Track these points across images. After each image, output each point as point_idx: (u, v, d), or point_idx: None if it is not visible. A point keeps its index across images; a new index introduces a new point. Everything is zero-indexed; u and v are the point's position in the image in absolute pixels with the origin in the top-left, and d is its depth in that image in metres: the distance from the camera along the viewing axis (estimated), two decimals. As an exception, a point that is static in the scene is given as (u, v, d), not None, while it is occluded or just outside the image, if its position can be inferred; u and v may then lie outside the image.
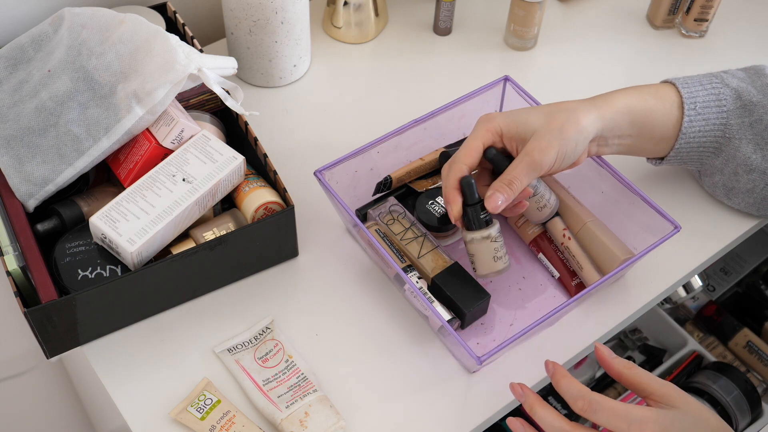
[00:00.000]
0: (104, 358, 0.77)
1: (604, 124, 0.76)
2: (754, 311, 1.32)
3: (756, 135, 0.81)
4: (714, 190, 0.88)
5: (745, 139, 0.81)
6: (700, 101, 0.80)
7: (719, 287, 1.35)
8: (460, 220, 0.75)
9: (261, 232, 0.79)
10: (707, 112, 0.79)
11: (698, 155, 0.83)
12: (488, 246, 0.75)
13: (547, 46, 1.08)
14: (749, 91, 0.81)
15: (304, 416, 0.72)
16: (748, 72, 0.83)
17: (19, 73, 0.82)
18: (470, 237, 0.76)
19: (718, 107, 0.80)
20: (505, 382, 0.77)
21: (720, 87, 0.81)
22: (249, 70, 0.99)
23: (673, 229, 0.78)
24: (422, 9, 1.12)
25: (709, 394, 1.14)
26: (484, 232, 0.75)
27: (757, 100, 0.80)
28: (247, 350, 0.77)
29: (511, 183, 0.73)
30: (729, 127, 0.81)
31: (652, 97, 0.79)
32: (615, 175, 0.81)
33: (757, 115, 0.80)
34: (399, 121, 0.92)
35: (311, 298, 0.82)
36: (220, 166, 0.79)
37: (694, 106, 0.79)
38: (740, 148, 0.81)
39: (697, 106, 0.79)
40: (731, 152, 0.82)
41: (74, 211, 0.80)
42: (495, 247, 0.76)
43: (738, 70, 0.84)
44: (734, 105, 0.80)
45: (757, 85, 0.81)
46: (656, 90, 0.80)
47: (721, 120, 0.80)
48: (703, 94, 0.80)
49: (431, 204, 0.84)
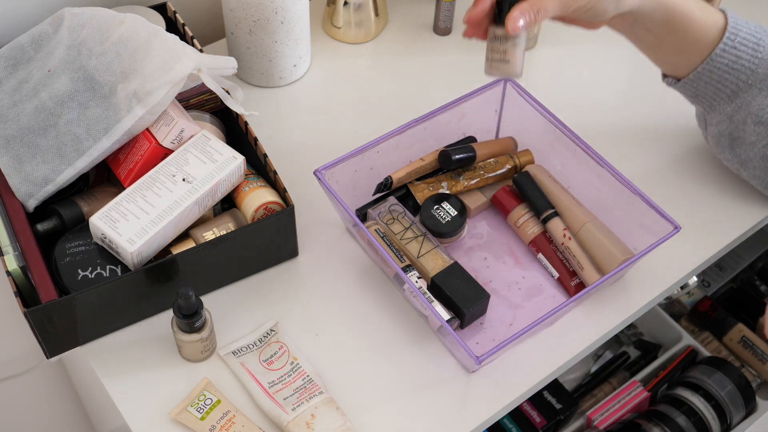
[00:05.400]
0: (104, 358, 0.77)
1: (642, 5, 0.76)
2: (748, 307, 1.32)
3: None
4: (718, 140, 0.87)
5: (765, 91, 0.81)
6: (741, 36, 0.79)
7: (714, 283, 1.36)
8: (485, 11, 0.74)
9: (261, 232, 0.79)
10: (743, 48, 0.79)
11: (714, 91, 0.83)
12: None
13: (547, 46, 1.08)
14: None
15: (311, 418, 0.72)
16: None
17: (19, 73, 0.82)
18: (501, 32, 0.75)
19: (754, 49, 0.79)
20: (505, 382, 0.77)
21: (762, 34, 0.80)
22: (249, 70, 0.99)
23: (672, 229, 0.78)
24: (422, 9, 1.12)
25: (704, 388, 1.15)
26: None
27: None
28: (252, 353, 0.77)
29: (538, 11, 0.73)
30: (755, 74, 0.80)
31: (699, 9, 0.79)
32: (615, 175, 0.82)
33: None
34: (399, 121, 0.92)
35: (311, 299, 0.82)
36: (220, 166, 0.79)
37: (734, 37, 0.79)
38: (757, 97, 0.81)
39: (737, 38, 0.79)
40: (747, 99, 0.82)
41: (74, 211, 0.80)
42: None
43: None
44: None
45: None
46: (706, 6, 0.80)
47: (751, 63, 0.80)
48: (746, 31, 0.80)
49: (436, 209, 0.84)
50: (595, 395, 1.24)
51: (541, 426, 1.15)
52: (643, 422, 1.14)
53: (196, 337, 0.74)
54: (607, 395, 1.23)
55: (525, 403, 1.17)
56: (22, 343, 1.11)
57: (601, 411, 1.18)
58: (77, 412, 1.31)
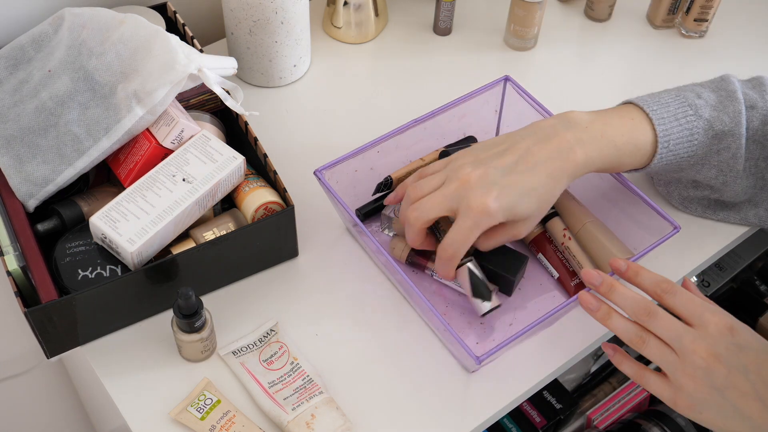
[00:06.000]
0: (104, 358, 0.77)
1: (573, 180, 0.76)
2: (748, 307, 1.32)
3: (721, 162, 0.80)
4: (669, 198, 0.89)
5: (708, 165, 0.81)
6: (674, 140, 0.78)
7: (714, 283, 1.36)
8: None
9: (261, 232, 0.79)
10: (678, 149, 0.79)
11: (659, 174, 0.85)
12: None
13: (547, 46, 1.08)
14: (721, 120, 0.79)
15: (311, 418, 0.72)
16: (719, 94, 0.81)
17: (20, 73, 0.82)
18: None
19: (689, 142, 0.79)
20: (505, 382, 0.77)
21: (694, 120, 0.79)
22: (249, 70, 0.99)
23: (672, 230, 0.78)
24: (422, 9, 1.12)
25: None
26: None
27: (729, 129, 0.79)
28: (252, 353, 0.77)
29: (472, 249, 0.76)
30: (695, 156, 0.80)
31: (628, 156, 0.77)
32: (615, 175, 0.82)
33: (725, 143, 0.79)
34: (399, 121, 0.92)
35: (311, 299, 0.82)
36: (220, 166, 0.79)
37: (667, 145, 0.78)
38: (702, 171, 0.82)
39: (670, 144, 0.78)
40: (692, 174, 0.82)
41: (74, 211, 0.80)
42: None
43: (710, 92, 0.81)
44: (705, 137, 0.79)
45: (729, 112, 0.79)
46: (635, 138, 0.77)
47: (690, 152, 0.79)
48: (678, 131, 0.78)
49: None
50: (595, 395, 1.24)
51: (541, 426, 1.15)
52: (643, 422, 1.14)
53: (196, 337, 0.74)
54: (607, 395, 1.23)
55: (525, 403, 1.17)
56: (22, 343, 1.11)
57: (601, 411, 1.18)
58: (77, 412, 1.31)
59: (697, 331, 0.65)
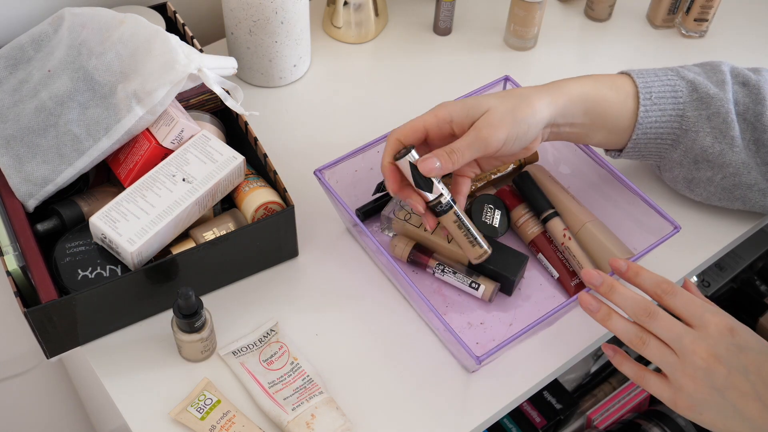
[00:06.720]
0: (104, 358, 0.77)
1: (557, 110, 0.76)
2: (748, 307, 1.32)
3: (714, 128, 0.80)
4: (675, 183, 0.87)
5: (702, 132, 0.81)
6: (656, 92, 0.79)
7: (714, 283, 1.36)
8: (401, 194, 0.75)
9: (261, 232, 0.79)
10: (663, 103, 0.79)
11: (656, 147, 0.83)
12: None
13: (547, 46, 1.08)
14: (705, 84, 0.80)
15: (311, 418, 0.72)
16: (704, 67, 0.83)
17: (19, 73, 0.82)
18: None
19: (674, 98, 0.79)
20: (505, 382, 0.77)
21: (675, 79, 0.80)
22: (249, 70, 0.99)
23: (672, 229, 0.78)
24: (422, 9, 1.12)
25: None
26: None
27: (714, 92, 0.80)
28: (252, 353, 0.77)
29: (452, 152, 0.72)
30: (686, 119, 0.80)
31: (607, 87, 0.79)
32: (615, 175, 0.82)
33: (714, 108, 0.80)
34: (399, 121, 0.92)
35: (311, 299, 0.82)
36: (220, 166, 0.79)
37: (649, 96, 0.79)
38: (697, 140, 0.81)
39: (653, 96, 0.79)
40: (689, 144, 0.82)
41: (74, 211, 0.80)
42: None
43: (694, 66, 0.84)
44: (690, 97, 0.80)
45: (713, 80, 0.81)
46: (612, 80, 0.80)
47: (677, 111, 0.80)
48: (659, 85, 0.79)
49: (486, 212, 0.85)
50: (595, 395, 1.24)
51: (541, 426, 1.15)
52: (643, 422, 1.14)
53: (196, 337, 0.74)
54: (607, 395, 1.23)
55: (525, 403, 1.17)
56: (22, 343, 1.11)
57: (601, 411, 1.18)
58: (77, 412, 1.31)
59: (697, 331, 0.65)
